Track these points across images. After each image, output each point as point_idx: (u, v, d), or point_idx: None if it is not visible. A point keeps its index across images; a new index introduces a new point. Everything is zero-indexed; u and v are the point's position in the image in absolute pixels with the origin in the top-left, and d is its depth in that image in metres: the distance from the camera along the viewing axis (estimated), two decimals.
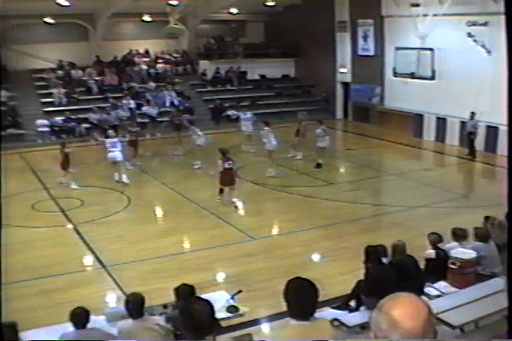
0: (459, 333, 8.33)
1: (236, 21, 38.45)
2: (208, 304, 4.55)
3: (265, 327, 10.35)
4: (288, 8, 35.01)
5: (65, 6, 27.76)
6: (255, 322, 10.31)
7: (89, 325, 7.52)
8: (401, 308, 2.34)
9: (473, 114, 23.52)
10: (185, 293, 8.24)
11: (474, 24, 24.71)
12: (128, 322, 7.61)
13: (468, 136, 24.05)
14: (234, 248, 14.54)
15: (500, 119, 23.37)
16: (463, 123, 25.05)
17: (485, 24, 24.22)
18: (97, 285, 12.64)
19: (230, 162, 17.59)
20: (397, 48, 29.48)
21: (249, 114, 25.72)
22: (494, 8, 23.48)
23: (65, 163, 19.71)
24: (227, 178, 17.67)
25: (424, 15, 26.24)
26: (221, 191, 17.87)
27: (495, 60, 23.93)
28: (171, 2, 30.27)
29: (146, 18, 33.29)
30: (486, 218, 11.70)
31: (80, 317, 7.49)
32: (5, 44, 29.08)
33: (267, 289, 11.41)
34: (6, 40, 29.42)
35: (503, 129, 23.77)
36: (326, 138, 22.03)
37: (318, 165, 21.89)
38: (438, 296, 9.66)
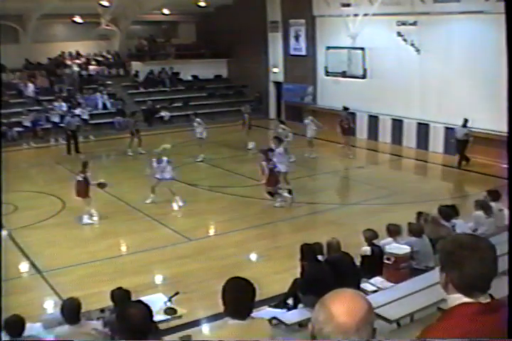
0: (395, 327, 8.44)
1: (167, 22, 38.25)
2: (146, 307, 4.52)
3: (204, 328, 10.33)
4: (219, 8, 34.93)
5: None
6: (193, 324, 10.27)
7: (25, 333, 7.37)
8: (340, 303, 2.36)
9: (466, 121, 21.73)
10: (121, 297, 8.17)
11: (404, 24, 25.09)
12: (64, 328, 7.50)
13: (460, 144, 22.23)
14: (169, 249, 14.49)
15: (432, 116, 23.92)
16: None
17: (414, 24, 24.65)
18: (33, 291, 12.46)
19: (272, 162, 17.54)
20: (328, 48, 29.72)
21: (309, 119, 24.88)
22: (423, 8, 24.00)
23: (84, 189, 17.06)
24: (274, 179, 17.52)
25: (355, 15, 26.51)
26: (271, 194, 17.69)
27: (424, 59, 24.42)
28: (102, 3, 29.93)
29: (77, 19, 32.75)
30: (419, 213, 11.94)
31: (15, 326, 7.32)
32: None
33: (204, 290, 11.41)
34: None
35: (433, 126, 24.32)
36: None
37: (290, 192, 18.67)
38: (374, 291, 9.79)
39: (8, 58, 31.39)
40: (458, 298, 2.70)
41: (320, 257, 10.11)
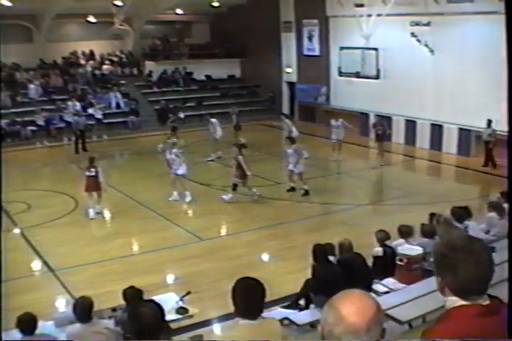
0: (407, 328, 8.41)
1: (181, 22, 38.30)
2: (157, 306, 4.52)
3: (215, 328, 10.31)
4: (233, 8, 34.97)
5: (8, 6, 27.25)
6: (205, 323, 10.25)
7: (37, 331, 7.38)
8: (349, 304, 2.35)
9: (490, 121, 21.47)
10: (133, 296, 8.17)
11: (417, 24, 25.04)
12: (76, 327, 7.49)
13: (485, 145, 22.01)
14: (181, 249, 14.48)
15: (445, 117, 23.87)
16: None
17: (427, 24, 24.59)
18: (46, 289, 12.45)
19: (239, 156, 18.13)
20: (342, 48, 29.70)
21: (339, 121, 24.14)
22: (436, 9, 23.91)
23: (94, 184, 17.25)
24: (241, 172, 18.13)
25: (368, 16, 26.47)
26: (235, 187, 18.34)
27: (437, 59, 24.34)
28: (115, 2, 30.00)
29: (91, 18, 32.84)
30: (431, 215, 11.89)
31: (27, 323, 7.33)
32: None
33: (216, 290, 11.36)
34: None
35: (447, 127, 24.25)
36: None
37: (306, 192, 19.08)
38: (386, 292, 9.76)
39: (22, 57, 31.57)
40: (456, 301, 2.68)
41: (332, 258, 10.08)
